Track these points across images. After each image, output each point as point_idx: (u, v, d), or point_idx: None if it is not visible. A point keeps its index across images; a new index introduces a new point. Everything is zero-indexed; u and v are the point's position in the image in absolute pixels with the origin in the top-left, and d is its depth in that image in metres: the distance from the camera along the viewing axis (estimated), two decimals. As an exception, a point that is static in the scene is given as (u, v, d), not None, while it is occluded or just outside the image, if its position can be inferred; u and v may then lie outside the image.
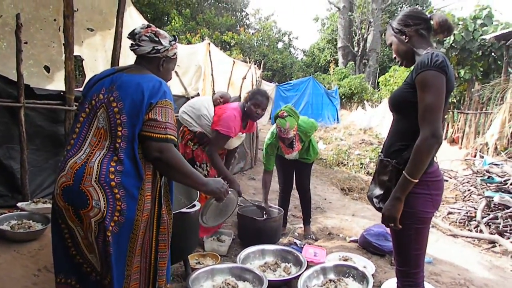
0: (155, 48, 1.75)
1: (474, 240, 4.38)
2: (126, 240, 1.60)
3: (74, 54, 3.50)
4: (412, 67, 1.79)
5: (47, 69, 3.74)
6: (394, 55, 1.94)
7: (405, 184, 1.65)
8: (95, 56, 4.44)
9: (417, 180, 1.64)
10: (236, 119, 3.21)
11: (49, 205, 3.16)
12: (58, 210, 1.61)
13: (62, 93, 3.48)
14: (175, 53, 1.87)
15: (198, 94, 5.71)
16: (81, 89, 4.00)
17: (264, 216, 3.61)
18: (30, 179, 3.33)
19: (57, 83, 4.21)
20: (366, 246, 3.62)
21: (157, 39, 1.76)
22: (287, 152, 3.65)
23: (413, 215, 1.71)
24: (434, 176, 1.74)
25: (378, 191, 1.83)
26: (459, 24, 9.28)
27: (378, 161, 1.90)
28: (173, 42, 1.82)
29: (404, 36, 1.82)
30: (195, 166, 3.36)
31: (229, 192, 2.11)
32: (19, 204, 3.12)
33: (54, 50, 4.13)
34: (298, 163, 3.87)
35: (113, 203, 1.52)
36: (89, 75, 4.80)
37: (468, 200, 5.68)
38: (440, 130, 1.60)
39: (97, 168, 1.53)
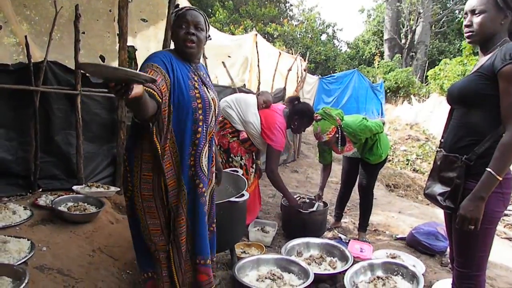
0: None
1: (532, 245, 4.12)
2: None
3: (128, 44, 3.59)
4: (485, 58, 1.65)
5: (102, 58, 3.87)
6: (468, 23, 1.67)
7: (492, 182, 1.55)
8: (148, 47, 4.54)
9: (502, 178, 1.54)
10: (284, 133, 3.45)
11: (102, 189, 3.30)
12: None
13: (115, 82, 3.58)
14: (173, 17, 1.86)
15: (244, 86, 5.73)
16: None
17: (318, 203, 3.66)
18: (84, 164, 3.47)
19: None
20: (415, 244, 3.49)
21: None
22: (336, 151, 3.51)
23: (484, 215, 1.60)
24: (507, 173, 1.64)
25: (440, 188, 1.74)
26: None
27: (440, 157, 1.79)
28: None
29: (503, 16, 1.63)
30: (230, 157, 3.37)
31: None
32: (74, 187, 3.28)
33: (109, 40, 4.27)
34: (361, 162, 3.66)
35: (125, 173, 1.81)
36: (140, 64, 4.89)
37: (525, 202, 5.34)
38: None
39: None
